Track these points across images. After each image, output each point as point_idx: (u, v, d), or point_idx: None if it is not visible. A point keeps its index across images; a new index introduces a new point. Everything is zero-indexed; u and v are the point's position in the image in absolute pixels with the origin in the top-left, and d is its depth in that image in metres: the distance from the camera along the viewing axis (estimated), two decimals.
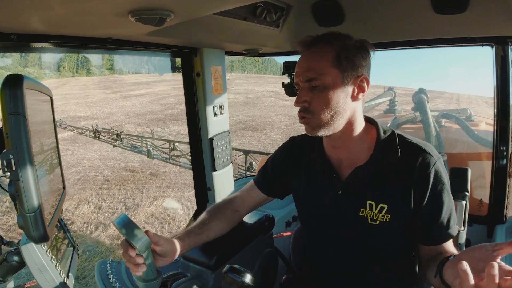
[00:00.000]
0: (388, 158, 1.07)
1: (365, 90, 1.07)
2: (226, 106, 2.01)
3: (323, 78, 1.02)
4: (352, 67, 1.03)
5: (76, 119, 23.29)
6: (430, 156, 1.05)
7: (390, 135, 1.11)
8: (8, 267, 1.00)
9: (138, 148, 11.28)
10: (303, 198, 1.24)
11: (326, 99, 1.03)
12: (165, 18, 0.93)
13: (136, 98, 30.49)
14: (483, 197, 2.11)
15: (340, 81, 1.03)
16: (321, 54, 1.04)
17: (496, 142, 1.86)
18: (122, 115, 23.70)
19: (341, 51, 1.03)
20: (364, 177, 1.08)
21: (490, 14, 1.41)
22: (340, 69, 1.02)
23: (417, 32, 1.67)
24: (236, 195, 1.35)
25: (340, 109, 1.04)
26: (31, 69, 53.53)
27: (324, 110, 1.03)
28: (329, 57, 1.02)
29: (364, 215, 1.08)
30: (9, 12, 0.83)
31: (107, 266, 1.21)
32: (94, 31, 1.18)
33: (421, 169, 1.04)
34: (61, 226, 1.21)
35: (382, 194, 1.07)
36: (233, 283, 0.84)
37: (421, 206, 1.05)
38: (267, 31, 1.60)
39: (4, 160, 0.78)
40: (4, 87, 0.79)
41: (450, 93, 36.15)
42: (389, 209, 1.06)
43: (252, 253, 1.36)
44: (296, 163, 1.25)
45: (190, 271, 1.21)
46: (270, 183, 1.31)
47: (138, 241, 0.90)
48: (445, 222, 1.06)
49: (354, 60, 1.04)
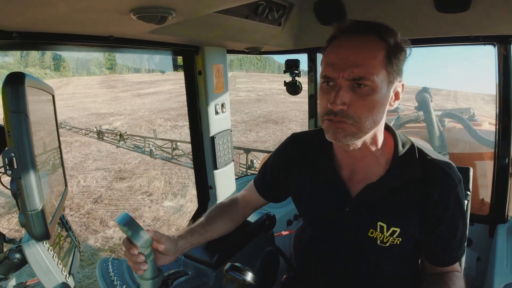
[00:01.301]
0: (406, 176, 0.96)
1: (400, 97, 0.95)
2: (227, 105, 2.01)
3: (374, 79, 0.85)
4: (398, 71, 0.91)
5: (103, 115, 23.58)
6: (452, 181, 0.95)
7: (409, 149, 0.99)
8: (10, 265, 1.00)
9: (141, 148, 11.30)
10: (307, 205, 1.17)
11: (371, 104, 0.87)
12: (166, 17, 0.93)
13: (151, 96, 30.60)
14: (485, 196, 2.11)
15: (386, 85, 0.89)
16: (371, 48, 0.87)
17: (498, 142, 1.85)
18: (146, 112, 23.92)
19: (392, 50, 0.88)
20: (377, 195, 0.98)
21: (492, 13, 1.41)
22: (389, 70, 0.88)
23: (419, 31, 1.67)
24: (240, 195, 1.32)
25: (379, 117, 0.91)
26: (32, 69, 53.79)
27: (366, 117, 0.88)
28: (381, 54, 0.87)
29: (374, 237, 1.00)
30: (11, 10, 0.83)
31: (109, 264, 1.22)
32: (96, 29, 1.18)
33: (442, 193, 0.94)
34: (63, 224, 1.21)
35: (396, 216, 0.98)
36: (234, 281, 0.84)
37: (436, 230, 0.98)
38: (269, 29, 1.60)
39: (6, 158, 0.78)
40: (6, 85, 0.79)
41: (447, 90, 36.10)
42: (401, 233, 0.98)
43: (253, 251, 1.36)
44: (299, 165, 1.14)
45: (191, 270, 1.21)
46: (270, 187, 1.24)
47: (139, 239, 0.90)
48: (457, 247, 1.02)
49: (401, 63, 0.91)
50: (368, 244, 1.02)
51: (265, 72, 72.73)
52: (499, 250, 1.66)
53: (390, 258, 1.04)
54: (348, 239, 1.06)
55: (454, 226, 0.99)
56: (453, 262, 1.04)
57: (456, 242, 1.01)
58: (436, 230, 0.98)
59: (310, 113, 2.42)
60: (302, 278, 1.33)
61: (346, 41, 0.89)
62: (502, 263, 1.56)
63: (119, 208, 8.79)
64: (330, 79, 0.89)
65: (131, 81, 46.53)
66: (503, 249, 1.67)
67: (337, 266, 1.13)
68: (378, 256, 1.04)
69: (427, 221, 0.97)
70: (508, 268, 1.53)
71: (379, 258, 1.04)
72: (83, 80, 51.77)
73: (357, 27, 0.89)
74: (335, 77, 0.87)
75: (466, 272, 1.62)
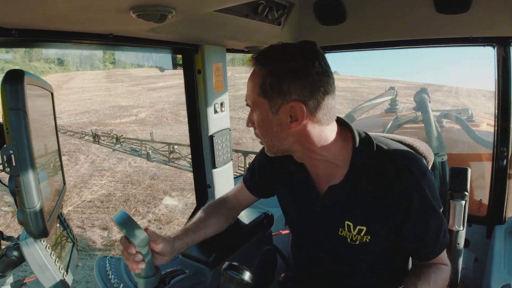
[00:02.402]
0: (366, 177, 0.98)
1: (303, 117, 0.92)
2: (227, 104, 2.01)
3: (255, 107, 0.97)
4: (279, 94, 0.91)
5: (125, 108, 24.37)
6: (413, 175, 0.95)
7: (368, 148, 1.00)
8: (7, 262, 1.00)
9: (137, 152, 11.29)
10: (287, 206, 1.21)
11: (260, 125, 0.98)
12: (166, 15, 0.93)
13: (165, 90, 30.89)
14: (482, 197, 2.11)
15: (269, 110, 0.94)
16: (252, 79, 0.96)
17: (496, 143, 1.85)
18: (165, 104, 24.37)
19: (268, 77, 0.92)
20: (340, 197, 1.01)
21: (492, 14, 1.41)
22: (267, 97, 0.93)
23: (419, 32, 1.67)
24: (230, 194, 1.35)
25: (278, 137, 0.97)
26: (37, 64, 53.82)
27: (264, 135, 1.00)
28: (256, 84, 0.94)
29: (343, 235, 1.03)
30: (11, 8, 0.83)
31: (106, 263, 1.22)
32: (95, 27, 1.17)
33: (404, 192, 0.95)
34: (61, 221, 1.21)
35: (360, 215, 1.00)
36: (232, 280, 0.84)
37: (405, 228, 0.98)
38: (268, 28, 1.60)
39: (4, 156, 0.78)
40: (5, 82, 0.79)
41: (449, 86, 36.37)
42: (368, 231, 1.00)
43: (251, 250, 1.36)
44: (278, 166, 1.19)
45: (188, 268, 1.21)
46: (258, 184, 1.28)
47: (136, 238, 0.90)
48: (433, 241, 1.01)
49: (281, 86, 0.91)
50: (340, 243, 1.05)
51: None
52: (496, 251, 1.67)
53: (365, 255, 1.06)
54: (324, 239, 1.10)
55: (423, 222, 0.98)
56: (431, 257, 1.04)
57: (430, 238, 1.00)
58: (404, 227, 0.98)
59: None
60: (299, 277, 1.33)
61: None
62: (499, 264, 1.57)
63: (174, 183, 9.99)
64: None
65: (138, 76, 46.68)
66: (500, 250, 1.68)
67: (326, 265, 1.16)
68: (353, 254, 1.06)
69: (392, 218, 0.98)
70: (505, 269, 1.54)
71: (354, 256, 1.07)
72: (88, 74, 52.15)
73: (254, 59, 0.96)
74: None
75: (464, 273, 1.62)
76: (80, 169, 11.68)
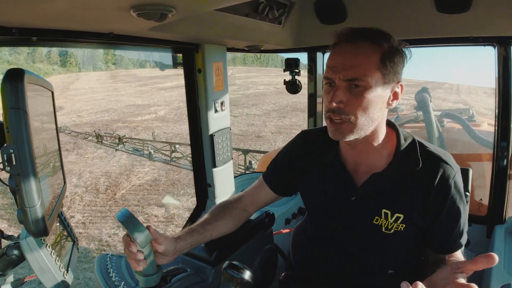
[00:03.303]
0: (408, 167, 1.03)
1: (399, 97, 1.03)
2: (227, 103, 2.01)
3: (367, 80, 0.94)
4: (394, 73, 0.99)
5: (142, 106, 25.04)
6: (450, 168, 1.02)
7: (411, 143, 1.07)
8: (7, 261, 1.00)
9: (140, 151, 11.35)
10: (315, 200, 1.20)
11: (365, 103, 0.95)
12: (166, 14, 0.93)
13: (175, 90, 31.30)
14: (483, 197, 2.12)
15: (381, 86, 0.97)
16: (367, 53, 0.96)
17: (496, 143, 1.85)
18: (180, 103, 24.78)
19: (387, 54, 0.97)
20: (381, 185, 1.05)
21: (493, 14, 1.41)
22: (384, 73, 0.96)
23: (419, 31, 1.67)
24: (245, 193, 1.31)
25: (376, 115, 0.99)
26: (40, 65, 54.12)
27: (361, 114, 0.96)
28: (375, 58, 0.96)
29: (379, 224, 1.06)
30: (11, 6, 0.83)
31: (107, 261, 1.22)
32: (96, 26, 1.17)
33: (441, 181, 1.01)
34: (61, 220, 1.21)
35: (399, 203, 1.04)
36: (232, 279, 0.84)
37: (438, 217, 1.03)
38: (269, 27, 1.60)
39: (4, 154, 0.78)
40: (5, 81, 0.79)
41: (450, 83, 36.56)
42: (405, 219, 1.04)
43: (252, 249, 1.36)
44: (308, 161, 1.19)
45: (190, 267, 1.21)
46: (280, 181, 1.27)
47: (139, 236, 0.90)
48: (459, 233, 1.06)
49: (397, 65, 0.99)
50: (373, 232, 1.07)
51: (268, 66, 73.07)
52: (496, 251, 1.67)
53: (394, 246, 1.09)
54: (354, 229, 1.11)
55: (456, 213, 1.04)
56: (455, 249, 1.07)
57: (458, 229, 1.05)
58: (438, 217, 1.03)
59: (310, 112, 2.43)
60: (300, 276, 1.33)
61: (345, 47, 0.99)
62: (499, 264, 1.57)
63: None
64: (330, 80, 0.98)
65: (142, 76, 47.03)
66: (500, 250, 1.68)
67: (339, 260, 1.15)
68: (383, 244, 1.08)
69: (428, 208, 1.03)
70: (505, 269, 1.54)
71: (383, 246, 1.09)
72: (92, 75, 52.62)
73: (355, 35, 0.98)
74: (334, 78, 0.97)
75: None
76: (119, 160, 12.27)
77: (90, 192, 9.68)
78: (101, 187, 9.97)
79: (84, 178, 10.67)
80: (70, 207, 8.63)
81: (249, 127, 18.37)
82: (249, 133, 17.24)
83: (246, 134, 16.85)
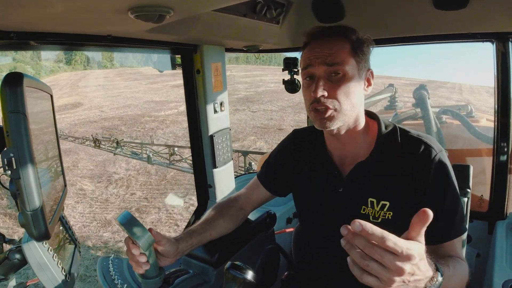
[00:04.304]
0: (390, 152, 1.05)
1: (371, 83, 1.09)
2: (226, 103, 2.01)
3: (344, 67, 1.00)
4: (365, 60, 1.05)
5: (161, 103, 26.15)
6: (430, 148, 1.02)
7: (392, 129, 1.09)
8: (10, 265, 1.00)
9: (138, 155, 11.32)
10: (304, 196, 1.21)
11: (346, 89, 1.00)
12: (164, 15, 0.93)
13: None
14: (483, 193, 2.12)
15: (357, 73, 1.02)
16: (338, 44, 1.02)
17: (496, 138, 1.85)
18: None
19: (356, 44, 1.03)
20: (365, 173, 1.06)
21: (490, 10, 1.41)
22: (357, 60, 1.02)
23: (417, 28, 1.67)
24: (241, 193, 1.33)
25: (356, 100, 1.03)
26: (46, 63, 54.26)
27: (344, 100, 1.00)
28: (347, 47, 1.02)
29: (366, 213, 1.05)
30: (9, 10, 0.83)
31: (109, 263, 1.21)
32: (94, 28, 1.17)
33: (421, 162, 1.00)
34: (63, 223, 1.21)
35: (384, 190, 1.04)
36: (235, 280, 0.84)
37: (423, 199, 0.98)
38: (267, 27, 1.60)
39: (4, 159, 0.78)
40: (4, 85, 0.79)
41: (452, 83, 36.63)
42: (391, 207, 1.03)
43: (253, 249, 1.36)
44: (299, 158, 1.22)
45: (192, 268, 1.21)
46: (274, 180, 1.29)
47: (141, 238, 0.90)
48: (451, 217, 0.99)
49: (366, 53, 1.05)
50: None
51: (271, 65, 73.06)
52: (498, 247, 1.67)
53: None
54: (344, 221, 1.07)
55: (442, 194, 0.99)
56: (444, 239, 1.00)
57: (448, 211, 0.99)
58: (424, 199, 0.98)
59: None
60: (302, 275, 1.33)
61: (318, 42, 1.04)
62: (501, 259, 1.57)
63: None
64: (311, 73, 1.03)
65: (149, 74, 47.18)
66: (502, 246, 1.68)
67: (336, 258, 1.13)
68: None
69: (413, 193, 1.01)
70: (507, 265, 1.54)
71: None
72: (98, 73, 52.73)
73: (326, 32, 1.04)
74: (313, 71, 1.02)
75: None
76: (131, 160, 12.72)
77: (142, 174, 10.76)
78: (151, 170, 10.91)
79: (133, 163, 11.63)
80: (128, 186, 9.83)
81: (269, 121, 19.71)
82: (270, 126, 18.49)
83: (268, 127, 18.20)
